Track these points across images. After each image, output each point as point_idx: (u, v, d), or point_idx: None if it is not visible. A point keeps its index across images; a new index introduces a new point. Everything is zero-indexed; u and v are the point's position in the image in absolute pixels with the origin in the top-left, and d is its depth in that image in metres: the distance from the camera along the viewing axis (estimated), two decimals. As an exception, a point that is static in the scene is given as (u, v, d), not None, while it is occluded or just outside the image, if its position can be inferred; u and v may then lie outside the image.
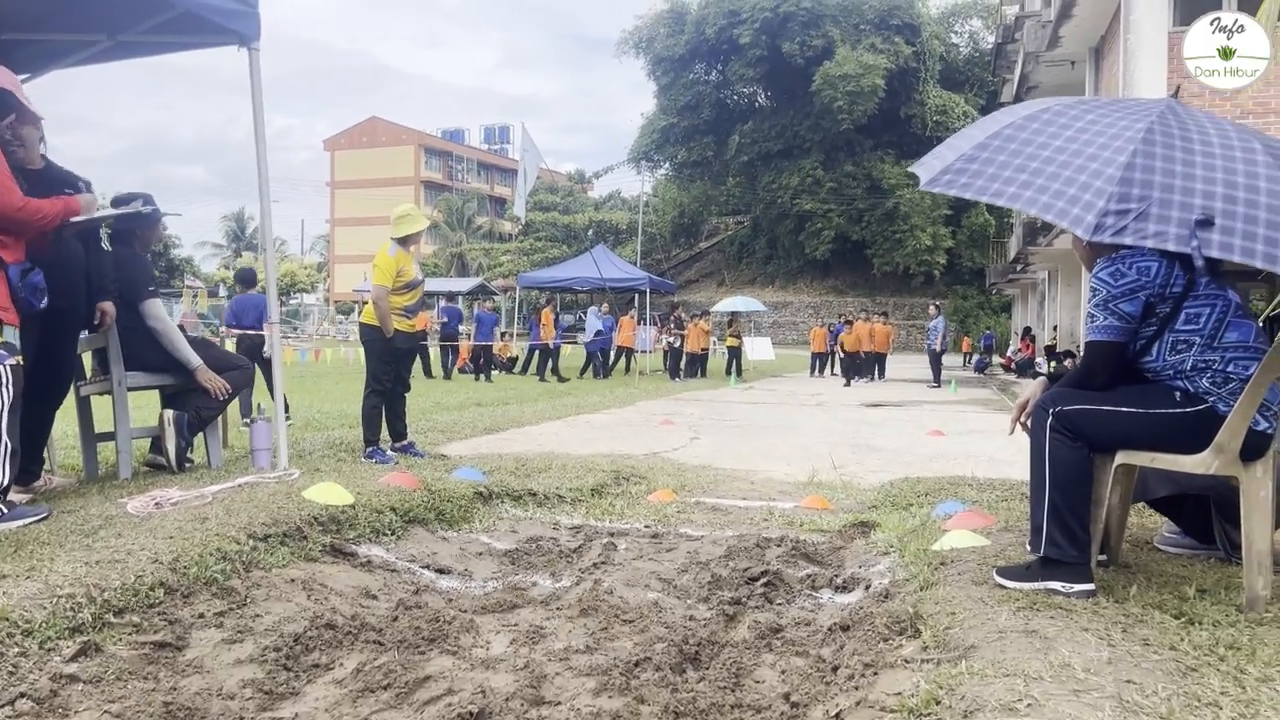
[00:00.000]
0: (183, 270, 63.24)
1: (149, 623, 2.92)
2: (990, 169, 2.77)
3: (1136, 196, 2.55)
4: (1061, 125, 2.81)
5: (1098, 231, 2.51)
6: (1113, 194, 2.54)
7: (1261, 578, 2.81)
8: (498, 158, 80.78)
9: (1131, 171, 2.58)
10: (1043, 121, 2.85)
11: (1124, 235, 2.51)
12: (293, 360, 22.81)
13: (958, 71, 49.50)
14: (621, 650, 3.06)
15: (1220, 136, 2.73)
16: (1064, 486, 2.90)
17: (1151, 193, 2.55)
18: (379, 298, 6.51)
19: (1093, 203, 2.54)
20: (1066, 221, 2.56)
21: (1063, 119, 2.83)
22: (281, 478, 4.76)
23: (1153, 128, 2.71)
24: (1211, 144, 2.70)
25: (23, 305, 3.88)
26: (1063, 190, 2.61)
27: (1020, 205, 2.66)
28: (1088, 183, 2.59)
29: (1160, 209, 2.54)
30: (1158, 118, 2.77)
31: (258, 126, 5.19)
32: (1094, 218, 2.52)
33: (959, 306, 46.28)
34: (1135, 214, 2.52)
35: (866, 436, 10.39)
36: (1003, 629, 2.55)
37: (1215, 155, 2.66)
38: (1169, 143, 2.68)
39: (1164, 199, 2.55)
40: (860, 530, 5.02)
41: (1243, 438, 2.77)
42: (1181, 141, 2.69)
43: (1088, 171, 2.62)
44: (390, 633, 3.15)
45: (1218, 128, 2.80)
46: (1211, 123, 2.84)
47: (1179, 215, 2.53)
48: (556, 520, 5.23)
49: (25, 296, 3.88)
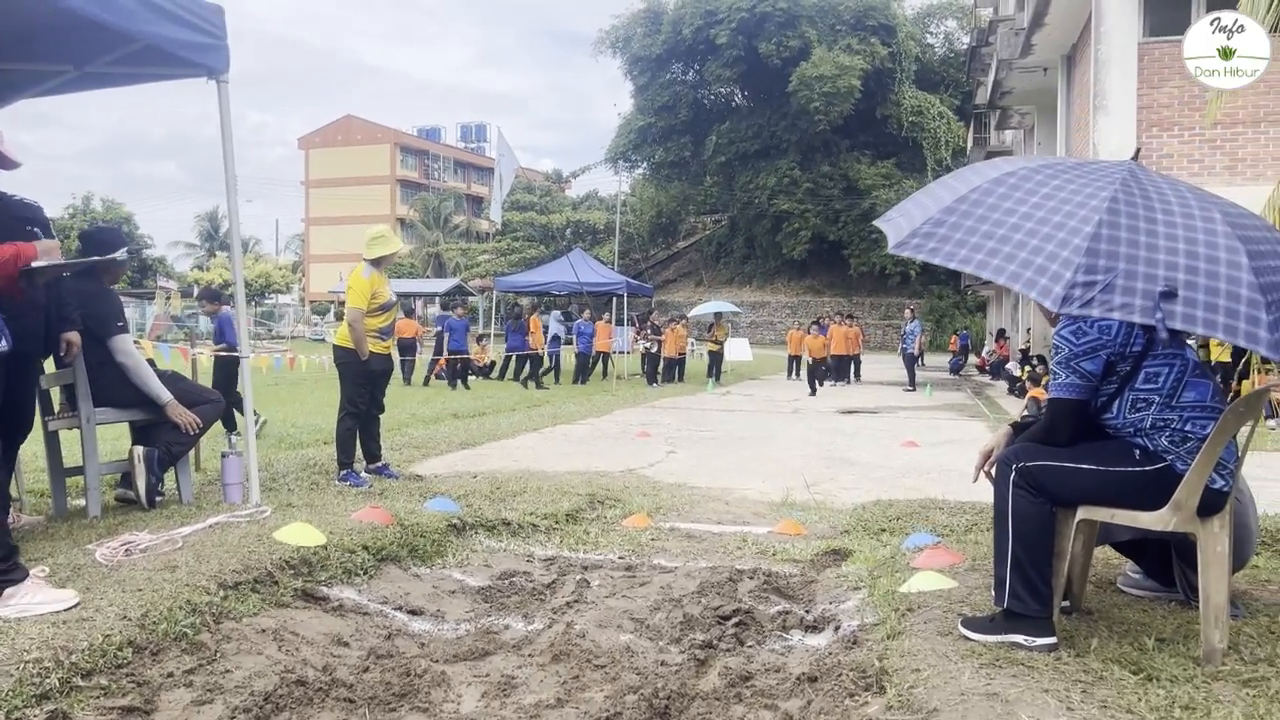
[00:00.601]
0: (155, 271, 62.64)
1: (117, 685, 2.91)
2: (958, 234, 2.80)
3: (1103, 268, 2.59)
4: (1028, 191, 2.85)
5: (1065, 304, 2.55)
6: (1080, 265, 2.58)
7: (1218, 631, 2.87)
8: (474, 156, 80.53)
9: (1098, 242, 2.63)
10: (1009, 186, 2.88)
11: (1091, 307, 2.56)
12: (268, 367, 22.65)
13: (933, 72, 49.78)
14: (593, 704, 3.08)
15: (1181, 205, 2.78)
16: (1026, 541, 2.95)
17: (1117, 264, 2.60)
18: (354, 320, 6.50)
19: (1060, 274, 2.59)
20: (1035, 292, 2.60)
21: (1029, 184, 2.87)
22: (253, 516, 4.75)
23: (1117, 196, 2.75)
24: (1173, 213, 2.75)
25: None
26: (1030, 260, 2.65)
27: (989, 274, 2.70)
28: (1055, 253, 2.63)
29: (1126, 280, 2.58)
30: (1121, 185, 2.81)
31: (227, 156, 5.17)
32: (1062, 289, 2.56)
33: (935, 306, 46.57)
34: (1102, 285, 2.57)
35: (841, 448, 10.46)
36: (965, 691, 2.59)
37: (1177, 225, 2.70)
38: (1133, 212, 2.73)
39: (1129, 270, 2.59)
40: (832, 559, 5.07)
41: (1200, 495, 2.82)
42: (1144, 211, 2.74)
43: (1054, 241, 2.66)
44: (361, 688, 3.16)
45: (1178, 195, 2.85)
46: (1172, 189, 2.88)
47: (1144, 286, 2.57)
48: (530, 552, 5.25)
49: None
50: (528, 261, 45.96)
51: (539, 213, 57.40)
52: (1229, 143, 13.74)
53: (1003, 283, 2.70)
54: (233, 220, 5.40)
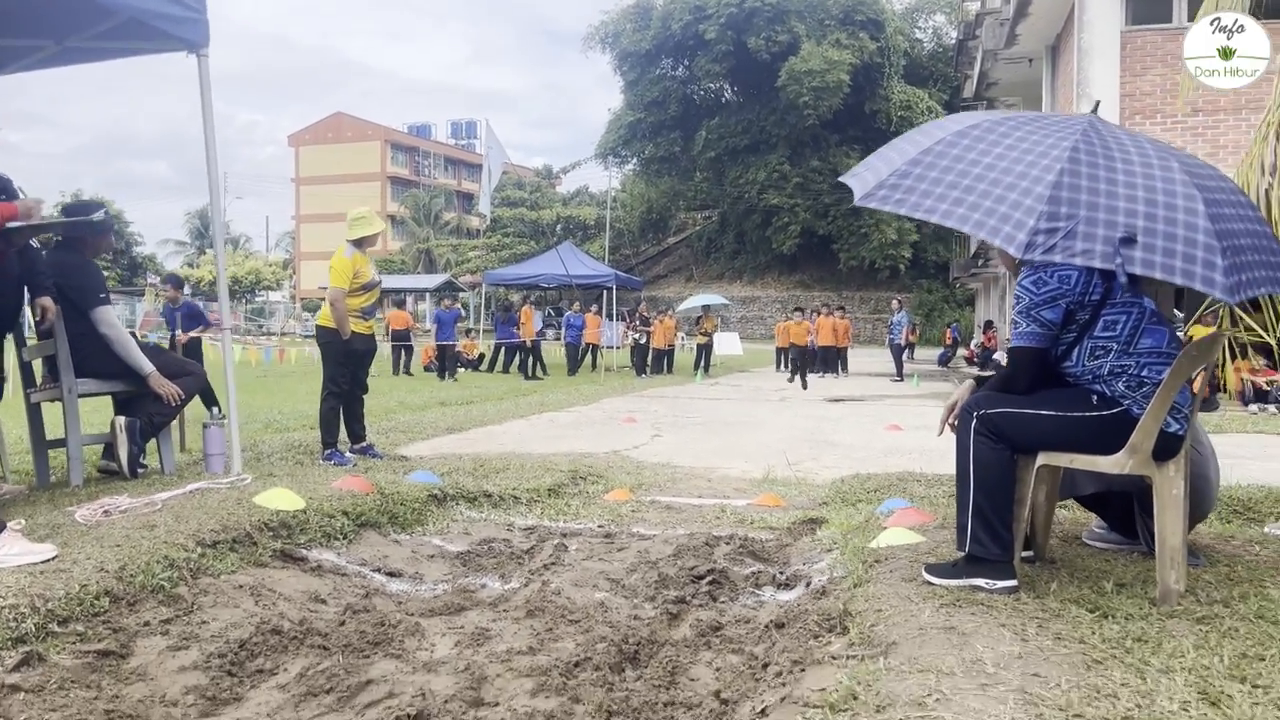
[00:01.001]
0: (145, 268, 62.46)
1: (93, 631, 2.96)
2: (923, 185, 2.86)
3: (1065, 215, 2.65)
4: (991, 143, 2.90)
5: (1029, 250, 2.61)
6: (1042, 212, 2.64)
7: (1174, 571, 2.93)
8: (465, 153, 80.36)
9: (1059, 190, 2.69)
10: (973, 138, 2.94)
11: (1054, 253, 2.62)
12: (257, 360, 22.67)
13: (921, 67, 49.86)
14: (564, 651, 3.13)
15: (1140, 155, 2.85)
16: (987, 487, 3.01)
17: (1079, 211, 2.66)
18: (335, 300, 6.53)
19: (1023, 221, 2.65)
20: (999, 239, 2.66)
21: (992, 135, 2.93)
22: (234, 483, 4.79)
23: (1078, 146, 2.82)
24: (1132, 162, 2.81)
25: None
26: (994, 208, 2.70)
27: (954, 223, 2.76)
28: (1018, 201, 2.69)
29: (1087, 227, 2.65)
30: (1081, 136, 2.87)
31: (208, 131, 5.20)
32: (1025, 236, 2.62)
33: (924, 300, 46.70)
34: (1064, 232, 2.63)
35: (826, 432, 10.52)
36: (924, 626, 2.65)
37: (1136, 174, 2.77)
38: (1093, 161, 2.79)
39: (1090, 217, 2.66)
40: (808, 527, 5.12)
41: (1155, 439, 2.89)
42: (1105, 160, 2.80)
43: (1018, 190, 2.72)
44: (336, 637, 3.20)
45: (1137, 146, 2.91)
46: (1131, 140, 2.95)
47: (1104, 233, 2.63)
48: (511, 521, 5.29)
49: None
50: (518, 257, 45.91)
51: (529, 208, 57.37)
52: (1211, 130, 13.85)
53: (968, 231, 2.76)
54: (214, 198, 5.42)
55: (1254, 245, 2.78)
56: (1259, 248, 2.80)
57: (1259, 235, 2.86)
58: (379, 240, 7.16)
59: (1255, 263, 2.74)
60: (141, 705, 2.60)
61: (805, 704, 2.45)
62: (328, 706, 2.68)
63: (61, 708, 2.52)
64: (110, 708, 2.54)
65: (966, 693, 2.16)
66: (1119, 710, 2.09)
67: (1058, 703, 2.11)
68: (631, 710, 2.61)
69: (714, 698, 2.69)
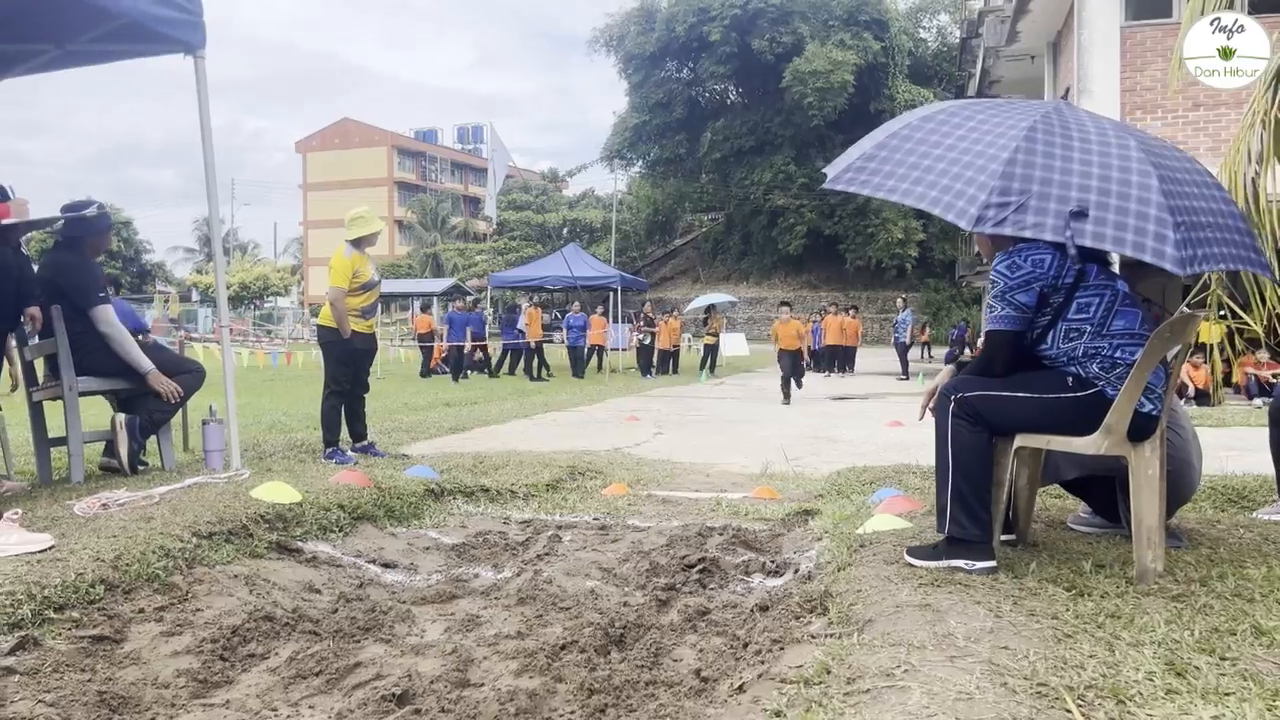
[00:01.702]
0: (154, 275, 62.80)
1: (88, 618, 3.02)
2: (886, 167, 2.92)
3: (1016, 190, 2.71)
4: (953, 125, 2.96)
5: (979, 224, 2.67)
6: (994, 188, 2.70)
7: (1151, 551, 2.97)
8: (472, 157, 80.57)
9: (1013, 167, 2.74)
10: (937, 122, 3.00)
11: (1004, 226, 2.68)
12: (265, 364, 22.81)
13: (926, 66, 49.85)
14: (551, 635, 3.18)
15: (1099, 134, 2.90)
16: (967, 469, 3.05)
17: (1031, 186, 2.71)
18: (335, 299, 6.60)
19: (975, 196, 2.70)
20: (951, 215, 2.72)
21: (955, 119, 2.99)
22: (232, 478, 4.85)
23: (1035, 126, 2.87)
24: (1090, 141, 2.86)
25: None
26: (950, 185, 2.76)
27: (910, 201, 2.82)
28: (972, 178, 2.75)
29: (1039, 201, 2.70)
30: (1041, 118, 2.93)
31: (205, 133, 5.28)
32: (976, 210, 2.68)
33: (931, 299, 46.63)
34: (1014, 206, 2.68)
35: (828, 429, 10.56)
36: (900, 604, 2.70)
37: (1092, 151, 2.82)
38: (1049, 140, 2.84)
39: (1042, 192, 2.71)
40: (801, 518, 5.16)
41: (1129, 419, 2.92)
42: (1062, 139, 2.85)
43: (973, 168, 2.78)
44: (327, 623, 3.26)
45: (1097, 126, 2.96)
46: (1093, 122, 3.00)
47: (1055, 207, 2.69)
48: (507, 515, 5.35)
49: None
50: (525, 260, 46.00)
51: (535, 212, 57.49)
52: (1212, 124, 13.84)
53: (924, 208, 2.81)
54: (211, 199, 5.46)
55: (1215, 224, 2.82)
56: (1221, 226, 2.84)
57: (1223, 215, 2.89)
58: (379, 240, 7.22)
59: (1214, 239, 2.78)
60: (134, 687, 2.66)
61: (781, 679, 2.50)
62: (316, 688, 2.74)
63: (56, 689, 2.58)
64: (104, 689, 2.60)
65: (935, 664, 2.20)
66: (1084, 679, 2.13)
67: (1024, 673, 2.15)
68: (613, 689, 2.65)
69: (694, 676, 2.74)
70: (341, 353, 6.73)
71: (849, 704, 2.08)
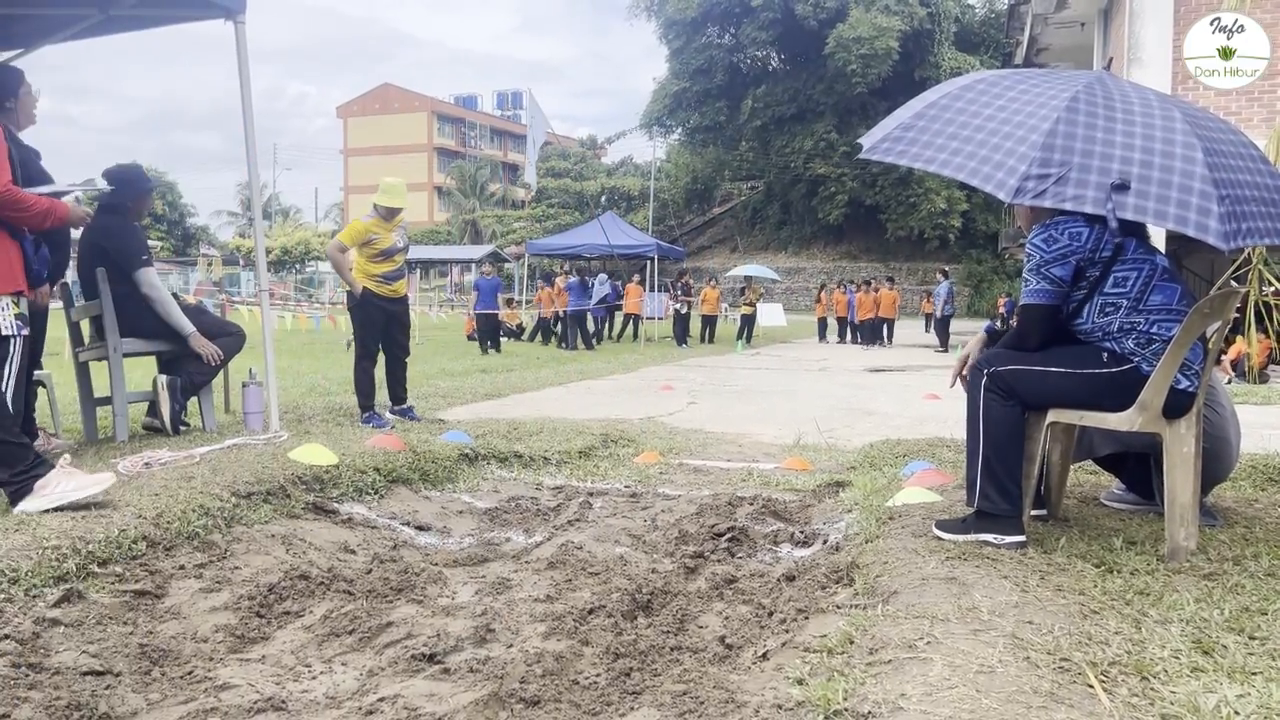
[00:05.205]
0: (198, 239, 63.63)
1: (130, 573, 3.11)
2: (924, 137, 2.88)
3: (1057, 162, 2.66)
4: (993, 95, 2.91)
5: (1018, 195, 2.63)
6: (1035, 159, 2.66)
7: (1183, 529, 2.94)
8: (511, 124, 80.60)
9: (1054, 138, 2.70)
10: (977, 92, 2.95)
11: (1043, 198, 2.64)
12: (308, 327, 23.10)
13: (973, 33, 48.88)
14: (579, 600, 3.22)
15: (1142, 105, 2.84)
16: (997, 443, 3.03)
17: (1072, 158, 2.67)
18: (330, 251, 6.75)
19: (1015, 168, 2.66)
20: (990, 186, 2.68)
21: (995, 89, 2.94)
22: (270, 440, 4.94)
23: (1077, 97, 2.82)
24: (1133, 112, 2.80)
25: (34, 278, 4.04)
26: (989, 156, 2.72)
27: (949, 171, 2.78)
28: (1012, 149, 2.71)
29: (1080, 174, 2.65)
30: (1084, 88, 2.87)
31: (245, 99, 5.32)
32: (1016, 181, 2.64)
33: (973, 271, 46.04)
34: (1055, 178, 2.64)
35: (863, 401, 10.51)
36: (926, 577, 2.70)
37: (1135, 123, 2.76)
38: (1092, 111, 2.79)
39: (1084, 164, 2.66)
40: (832, 490, 5.16)
41: (1165, 396, 2.89)
42: (1104, 110, 2.80)
43: (1013, 139, 2.73)
44: (361, 583, 3.33)
45: (1141, 97, 2.90)
46: (1136, 92, 2.93)
47: (1097, 179, 2.64)
48: (540, 481, 5.40)
49: (36, 269, 4.04)
50: (563, 228, 46.01)
51: (574, 179, 57.41)
52: (1267, 94, 13.44)
53: (962, 179, 2.78)
54: (251, 163, 5.51)
55: (1260, 197, 2.76)
56: (1266, 199, 2.78)
57: (1268, 189, 2.83)
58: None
59: (1259, 213, 2.72)
60: (174, 641, 2.74)
61: (805, 648, 2.51)
62: (349, 646, 2.80)
63: (98, 640, 2.66)
64: (144, 642, 2.68)
65: (958, 636, 2.21)
66: (1108, 655, 2.12)
67: (1047, 647, 2.15)
68: (638, 653, 2.69)
69: (719, 643, 2.77)
70: (364, 316, 6.77)
71: (870, 673, 2.09)
